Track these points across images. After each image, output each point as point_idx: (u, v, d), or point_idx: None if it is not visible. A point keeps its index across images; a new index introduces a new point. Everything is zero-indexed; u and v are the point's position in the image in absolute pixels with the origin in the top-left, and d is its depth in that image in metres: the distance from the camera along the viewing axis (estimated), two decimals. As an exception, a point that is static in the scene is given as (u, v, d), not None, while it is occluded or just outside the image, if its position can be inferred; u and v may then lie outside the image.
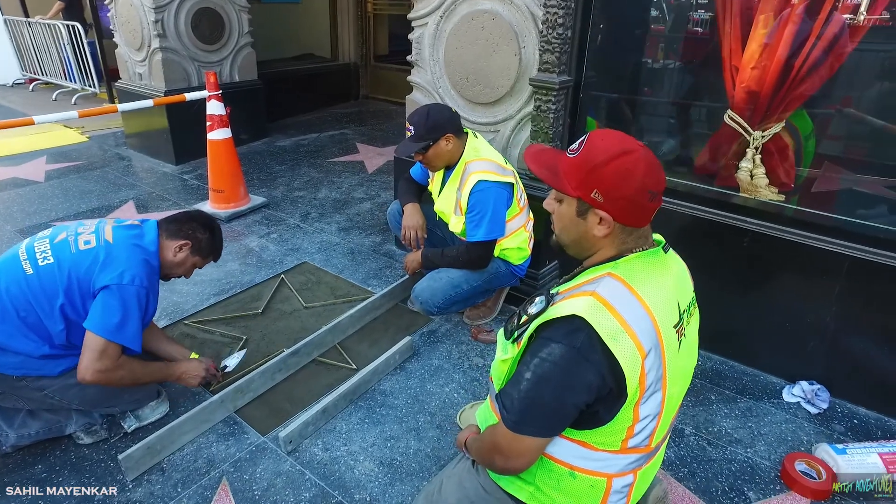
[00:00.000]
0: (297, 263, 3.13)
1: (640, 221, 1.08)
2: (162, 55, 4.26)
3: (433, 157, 2.23)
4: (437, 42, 2.68)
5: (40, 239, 1.82)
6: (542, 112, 2.35)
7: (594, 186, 1.03)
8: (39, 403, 1.83)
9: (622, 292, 1.02)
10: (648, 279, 1.05)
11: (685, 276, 1.18)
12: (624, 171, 1.02)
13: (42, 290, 1.72)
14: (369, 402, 2.15)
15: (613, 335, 0.97)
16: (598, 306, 0.99)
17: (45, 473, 1.85)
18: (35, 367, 1.76)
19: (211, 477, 1.84)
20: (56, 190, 4.15)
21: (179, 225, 1.97)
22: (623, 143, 1.04)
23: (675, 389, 1.11)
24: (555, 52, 2.23)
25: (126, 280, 1.74)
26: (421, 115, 2.19)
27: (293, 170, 4.58)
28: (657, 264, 1.10)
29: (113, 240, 1.80)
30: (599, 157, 1.03)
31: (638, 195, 1.02)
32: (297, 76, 6.11)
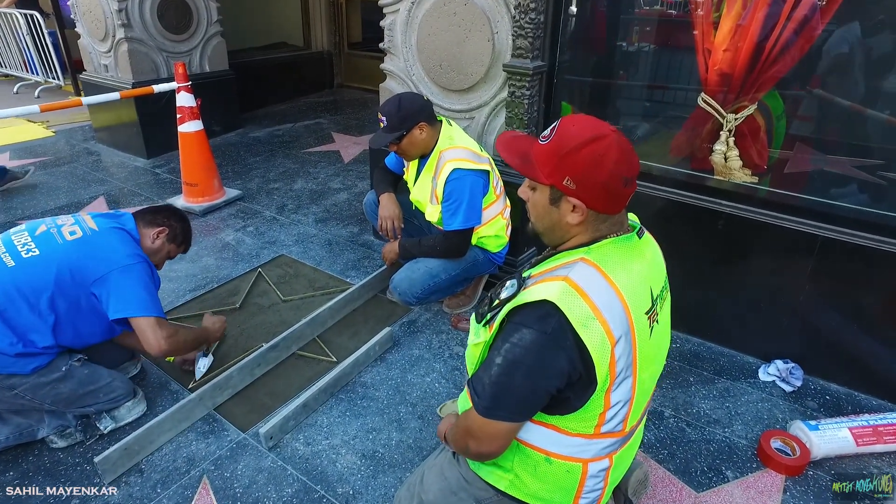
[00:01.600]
0: (274, 256, 3.09)
1: (615, 208, 1.06)
2: (128, 46, 4.13)
3: (407, 147, 2.21)
4: (409, 29, 2.64)
5: (18, 233, 1.82)
6: (517, 98, 2.33)
7: (566, 174, 1.01)
8: (9, 405, 1.78)
9: (595, 278, 1.00)
10: (621, 265, 1.04)
11: (659, 261, 1.17)
12: (596, 157, 0.99)
13: (27, 283, 1.71)
14: (350, 394, 2.14)
15: (584, 322, 0.96)
16: (571, 291, 0.98)
17: (17, 480, 1.81)
18: (6, 365, 1.71)
19: (191, 476, 1.81)
20: (20, 187, 4.02)
21: (154, 214, 2.05)
22: (595, 129, 1.01)
23: (647, 374, 1.11)
24: (528, 38, 2.21)
25: (130, 261, 1.81)
26: (393, 105, 2.16)
27: (268, 161, 4.51)
28: (631, 249, 1.08)
29: (98, 228, 1.85)
30: (571, 143, 1.01)
31: (611, 181, 1.00)
32: (269, 65, 5.99)
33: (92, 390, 1.86)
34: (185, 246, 2.17)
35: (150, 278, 1.89)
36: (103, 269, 1.77)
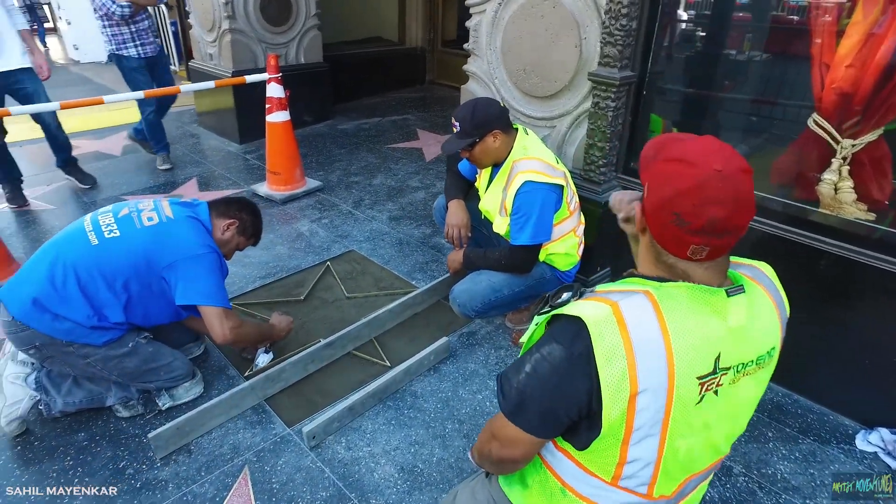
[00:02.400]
0: (344, 251, 3.12)
1: (669, 244, 0.91)
2: (231, 36, 4.34)
3: (480, 155, 2.12)
4: (495, 30, 2.55)
5: (104, 213, 1.93)
6: (601, 109, 2.18)
7: (646, 177, 0.94)
8: (82, 371, 1.90)
9: (647, 315, 0.88)
10: (688, 315, 0.89)
11: (754, 333, 0.95)
12: (671, 176, 0.88)
13: (108, 262, 1.82)
14: (398, 402, 2.10)
15: (609, 356, 0.86)
16: (611, 320, 0.87)
17: (85, 441, 1.92)
18: (82, 335, 1.83)
19: (234, 464, 1.84)
20: (130, 164, 4.34)
21: (227, 206, 2.10)
22: (705, 156, 0.86)
23: (686, 443, 0.95)
24: (617, 45, 2.05)
25: (201, 251, 1.88)
26: (467, 111, 2.07)
27: (352, 154, 4.58)
28: (709, 304, 0.91)
29: (174, 216, 1.93)
30: (673, 153, 0.89)
31: (663, 208, 0.88)
32: (363, 59, 6.10)
33: (154, 367, 1.95)
34: (255, 239, 2.21)
35: (219, 269, 1.96)
36: (174, 256, 1.85)
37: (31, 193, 3.79)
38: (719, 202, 0.84)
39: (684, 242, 0.88)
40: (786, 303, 1.04)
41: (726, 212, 0.84)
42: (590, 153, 2.30)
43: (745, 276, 1.00)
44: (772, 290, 1.02)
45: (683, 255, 0.91)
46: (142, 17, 3.83)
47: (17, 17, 3.30)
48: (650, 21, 2.11)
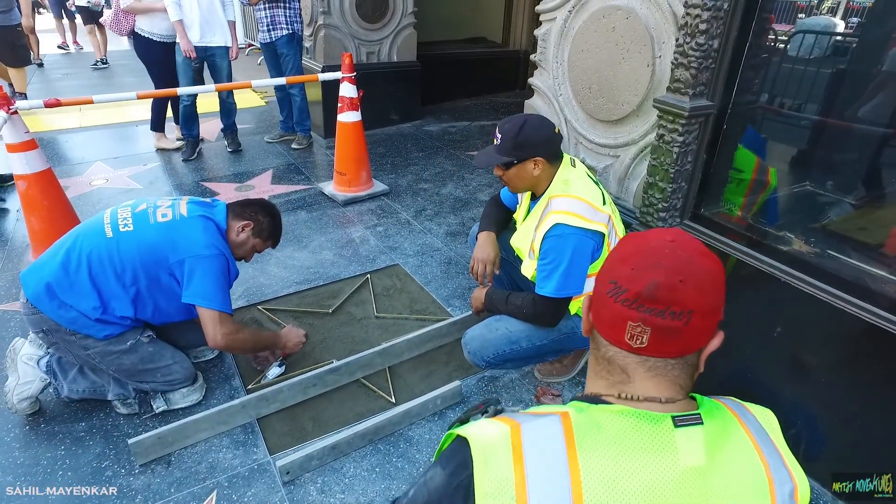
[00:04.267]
0: (388, 264, 2.97)
1: (603, 325, 0.74)
2: (325, 32, 4.35)
3: (514, 178, 1.84)
4: (564, 41, 2.25)
5: (123, 206, 1.96)
6: (665, 143, 1.82)
7: None
8: (83, 361, 1.91)
9: (552, 445, 0.67)
10: (614, 450, 0.66)
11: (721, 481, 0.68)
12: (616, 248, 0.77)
13: (119, 255, 1.84)
14: (389, 447, 1.91)
15: (492, 492, 0.66)
16: (504, 446, 0.68)
17: (82, 433, 1.94)
18: (85, 326, 1.84)
19: (205, 486, 1.76)
20: (218, 150, 4.52)
21: (244, 208, 2.07)
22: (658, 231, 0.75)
23: None
24: (691, 68, 1.69)
25: (208, 252, 1.86)
26: (513, 126, 1.79)
27: (429, 158, 4.43)
28: (650, 436, 0.67)
29: (188, 214, 1.91)
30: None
31: (601, 280, 0.74)
32: (463, 60, 5.93)
33: (151, 368, 1.93)
34: (273, 241, 2.16)
35: (223, 272, 1.91)
36: (180, 255, 1.84)
37: (127, 172, 4.06)
38: (662, 267, 0.69)
39: (621, 319, 0.70)
40: (791, 468, 0.74)
41: (670, 279, 0.68)
42: (649, 193, 1.94)
43: (725, 405, 0.77)
44: (761, 439, 0.74)
45: (621, 339, 0.71)
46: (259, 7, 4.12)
47: (229, 10, 4.03)
48: (739, 39, 1.71)
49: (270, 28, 4.12)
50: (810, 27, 1.88)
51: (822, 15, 1.97)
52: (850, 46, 1.88)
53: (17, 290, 2.69)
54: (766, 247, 1.82)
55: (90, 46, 7.98)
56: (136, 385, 1.96)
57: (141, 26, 3.93)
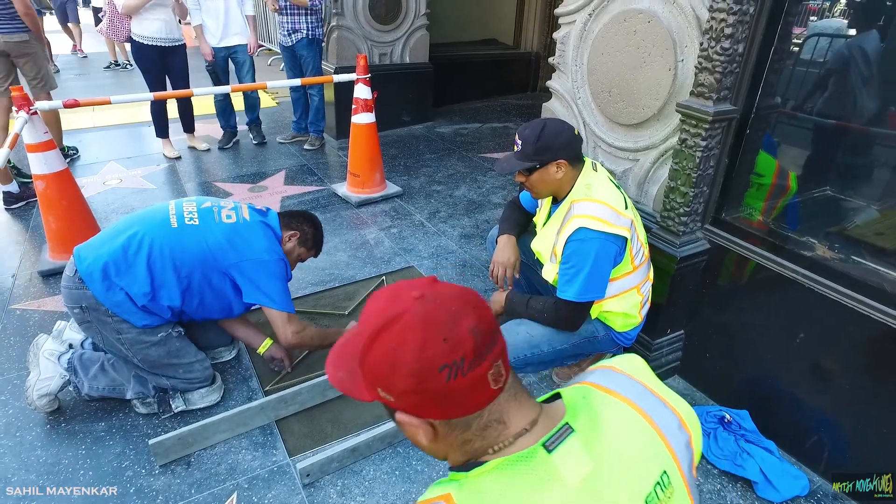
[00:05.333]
0: (403, 266, 2.97)
1: (464, 408, 0.67)
2: (337, 33, 4.36)
3: (537, 183, 1.84)
4: (583, 44, 2.24)
5: (188, 201, 2.01)
6: (688, 148, 1.82)
7: (374, 383, 0.68)
8: (111, 346, 1.92)
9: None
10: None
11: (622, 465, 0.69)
12: (389, 354, 0.65)
13: (181, 246, 1.88)
14: (409, 450, 1.91)
15: None
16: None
17: (102, 433, 1.95)
18: (127, 311, 1.86)
19: (225, 487, 1.76)
20: (230, 151, 4.54)
21: (291, 218, 2.16)
22: (390, 307, 0.67)
23: None
24: (715, 73, 1.68)
25: (269, 256, 1.94)
26: (533, 130, 1.79)
27: (441, 160, 4.43)
28: (530, 482, 0.66)
29: (250, 219, 1.99)
30: (363, 338, 0.68)
31: (422, 381, 0.64)
32: (474, 61, 5.93)
33: (175, 363, 1.95)
34: (316, 251, 2.25)
35: (284, 275, 2.01)
36: (241, 256, 1.92)
37: (141, 172, 4.08)
38: (458, 316, 0.65)
39: (479, 378, 0.65)
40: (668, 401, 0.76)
41: (472, 314, 0.65)
42: (670, 198, 1.93)
43: (587, 383, 0.78)
44: (632, 392, 0.76)
45: (491, 392, 0.66)
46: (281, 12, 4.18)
47: (247, 5, 4.15)
48: (764, 44, 1.70)
49: (291, 32, 4.13)
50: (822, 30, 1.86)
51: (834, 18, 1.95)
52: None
53: (35, 289, 2.71)
54: (788, 251, 1.81)
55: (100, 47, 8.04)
56: (156, 381, 1.97)
57: (133, 30, 3.89)
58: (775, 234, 1.89)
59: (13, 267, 2.90)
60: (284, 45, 4.26)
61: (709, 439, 1.90)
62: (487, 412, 0.68)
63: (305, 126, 4.66)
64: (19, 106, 2.53)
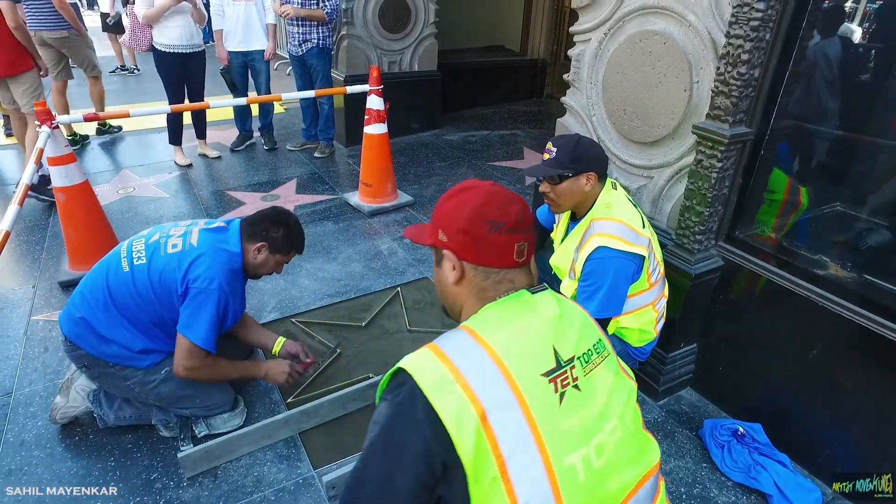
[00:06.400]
0: (418, 277, 3.02)
1: (492, 259, 0.95)
2: (347, 41, 4.40)
3: (563, 193, 1.86)
4: (598, 62, 2.29)
5: (138, 238, 1.95)
6: (704, 168, 1.86)
7: (439, 226, 0.99)
8: (123, 392, 1.95)
9: (464, 341, 0.89)
10: (501, 324, 0.92)
11: (573, 323, 0.97)
12: (460, 202, 0.97)
13: (135, 288, 1.85)
14: (430, 462, 1.95)
15: (437, 386, 0.82)
16: (429, 355, 0.87)
17: (129, 444, 1.99)
18: (127, 358, 1.89)
19: (252, 499, 1.81)
20: (242, 159, 4.59)
21: (254, 227, 1.97)
22: (467, 183, 1.00)
23: (578, 458, 0.86)
24: (732, 97, 1.72)
25: (205, 285, 1.81)
26: (570, 140, 1.83)
27: (451, 168, 4.47)
28: (518, 307, 0.94)
29: (198, 244, 1.88)
30: (443, 197, 1.01)
31: (472, 225, 0.94)
32: (481, 68, 5.97)
33: (189, 394, 1.95)
34: (296, 250, 2.07)
35: (216, 307, 1.84)
36: (183, 285, 1.82)
37: (154, 181, 4.13)
38: (512, 200, 0.96)
39: (508, 245, 0.94)
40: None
41: (521, 206, 0.96)
42: (686, 217, 1.98)
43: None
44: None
45: (511, 260, 0.95)
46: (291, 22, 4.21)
47: (269, 14, 4.29)
48: (779, 70, 1.75)
49: (302, 42, 4.18)
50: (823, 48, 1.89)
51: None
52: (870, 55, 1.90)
53: (56, 300, 2.76)
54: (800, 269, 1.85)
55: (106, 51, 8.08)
56: (177, 412, 1.99)
57: (155, 39, 3.98)
58: (787, 252, 1.93)
59: (34, 278, 2.95)
60: (294, 55, 4.30)
61: (723, 452, 1.94)
62: (504, 272, 0.96)
63: (315, 133, 4.71)
64: (42, 120, 2.57)
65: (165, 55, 3.98)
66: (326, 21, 4.08)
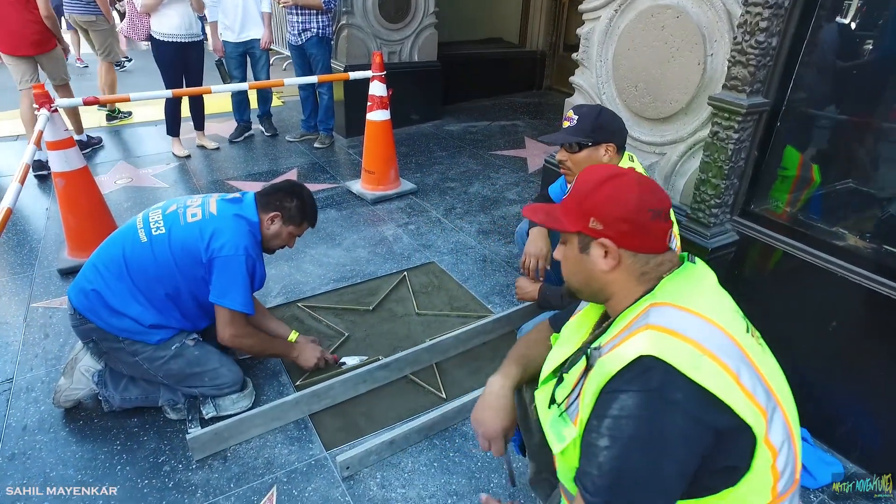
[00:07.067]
0: (424, 262, 2.98)
1: (652, 245, 0.96)
2: (347, 31, 4.37)
3: (581, 163, 1.81)
4: (608, 40, 2.26)
5: (154, 209, 1.94)
6: (720, 140, 1.84)
7: (590, 214, 0.96)
8: (132, 368, 1.91)
9: (678, 315, 0.88)
10: (695, 293, 0.93)
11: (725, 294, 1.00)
12: (617, 191, 0.95)
13: (154, 259, 1.83)
14: (445, 442, 1.92)
15: (693, 363, 0.82)
16: (662, 336, 0.85)
17: (135, 428, 1.95)
18: (137, 332, 1.85)
19: (264, 481, 1.77)
20: (241, 149, 4.54)
21: (268, 197, 1.99)
22: (611, 169, 0.99)
23: (786, 398, 0.92)
24: (749, 66, 1.70)
25: (232, 252, 1.83)
26: (592, 109, 1.80)
27: (453, 157, 4.44)
28: (695, 277, 0.97)
29: (217, 212, 1.89)
30: (589, 185, 0.98)
31: (636, 214, 0.93)
32: (480, 60, 5.94)
33: (198, 372, 1.91)
34: (310, 222, 2.07)
35: (245, 272, 1.87)
36: (208, 254, 1.83)
37: (152, 171, 4.07)
38: (655, 187, 0.98)
39: (663, 231, 0.96)
40: None
41: (663, 192, 0.99)
42: (701, 190, 1.96)
43: None
44: None
45: (664, 245, 0.97)
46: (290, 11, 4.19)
47: (264, 2, 4.26)
48: (796, 37, 1.73)
49: (302, 31, 4.13)
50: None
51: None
52: None
53: (55, 287, 2.70)
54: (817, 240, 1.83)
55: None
56: (185, 390, 1.96)
57: (153, 28, 3.92)
58: (805, 225, 1.92)
59: (32, 265, 2.89)
60: (294, 45, 4.25)
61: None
62: (662, 256, 0.97)
63: (315, 125, 4.66)
64: (41, 103, 2.52)
65: (164, 44, 3.92)
66: (325, 10, 4.04)
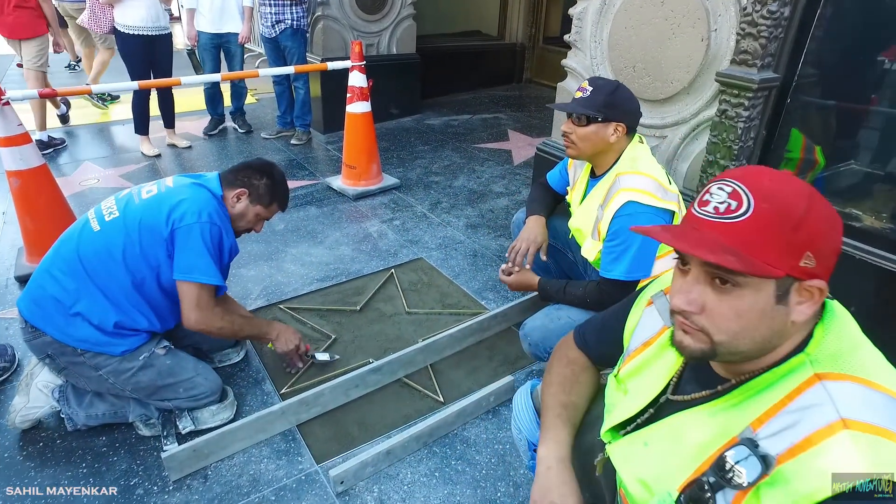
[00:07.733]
0: (412, 258, 2.84)
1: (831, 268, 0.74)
2: (323, 23, 4.20)
3: (587, 137, 1.69)
4: (603, 19, 2.15)
5: (106, 199, 1.80)
6: (729, 119, 1.74)
7: (806, 247, 0.68)
8: (96, 384, 1.72)
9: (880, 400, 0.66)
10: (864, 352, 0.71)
11: None
12: (829, 210, 0.71)
13: (107, 245, 1.66)
14: (446, 449, 1.78)
15: None
16: (882, 443, 0.67)
17: (104, 448, 1.76)
18: (98, 343, 1.66)
19: (250, 500, 1.61)
20: (215, 147, 4.33)
21: (235, 174, 1.84)
22: (795, 178, 0.72)
23: None
24: (760, 38, 1.60)
25: (194, 219, 1.66)
26: (608, 84, 1.67)
27: (436, 151, 4.31)
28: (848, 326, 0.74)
29: (174, 186, 1.75)
30: (796, 206, 0.68)
31: (839, 237, 0.72)
32: (459, 53, 5.82)
33: (171, 384, 1.74)
34: (279, 204, 1.92)
35: (212, 241, 1.69)
36: (169, 226, 1.65)
37: (118, 171, 3.85)
38: None
39: None
40: None
41: None
42: (708, 172, 1.86)
43: None
44: None
45: None
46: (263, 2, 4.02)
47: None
48: (808, 7, 1.63)
49: (275, 23, 3.95)
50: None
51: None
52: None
53: (12, 296, 2.49)
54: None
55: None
56: (158, 405, 1.77)
57: (116, 20, 3.68)
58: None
59: (-13, 273, 2.67)
60: (267, 37, 4.07)
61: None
62: None
63: (291, 121, 4.48)
64: (-9, 96, 2.31)
65: (129, 37, 3.68)
66: (299, 0, 3.87)
